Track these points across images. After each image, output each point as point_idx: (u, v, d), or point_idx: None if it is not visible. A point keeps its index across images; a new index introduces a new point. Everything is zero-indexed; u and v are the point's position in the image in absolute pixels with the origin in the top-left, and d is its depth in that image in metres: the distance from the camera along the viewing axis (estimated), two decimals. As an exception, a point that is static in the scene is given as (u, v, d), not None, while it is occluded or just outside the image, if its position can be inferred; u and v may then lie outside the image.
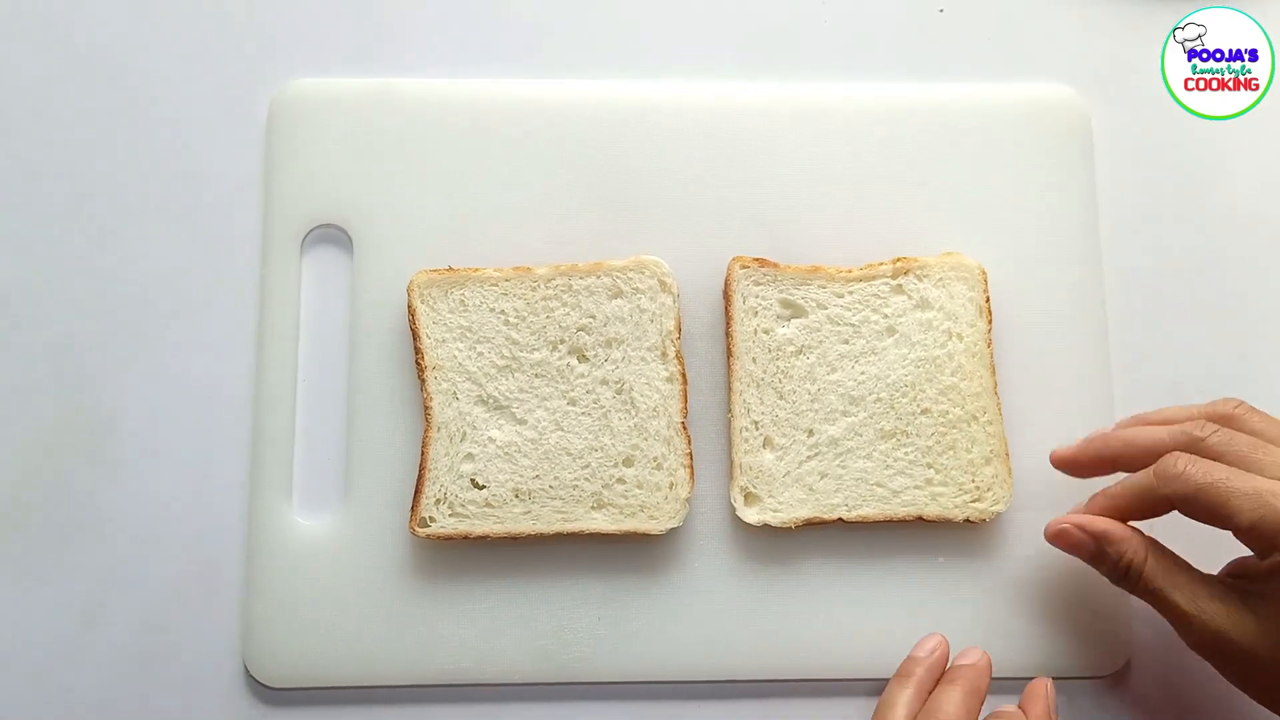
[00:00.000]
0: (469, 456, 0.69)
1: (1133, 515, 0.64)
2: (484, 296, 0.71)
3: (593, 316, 0.70)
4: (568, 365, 0.70)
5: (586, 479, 0.69)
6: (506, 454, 0.69)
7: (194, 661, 0.70)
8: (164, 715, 0.70)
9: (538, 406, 0.70)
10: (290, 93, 0.75)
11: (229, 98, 0.76)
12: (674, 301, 0.70)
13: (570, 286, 0.71)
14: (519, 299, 0.71)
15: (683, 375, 0.70)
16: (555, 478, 0.69)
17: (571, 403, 0.70)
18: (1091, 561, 0.64)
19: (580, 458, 0.69)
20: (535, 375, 0.70)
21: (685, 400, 0.70)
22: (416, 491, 0.69)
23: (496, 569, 0.70)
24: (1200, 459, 0.60)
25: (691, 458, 0.69)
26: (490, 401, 0.70)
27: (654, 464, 0.69)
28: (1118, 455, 0.65)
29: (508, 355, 0.70)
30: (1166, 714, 0.70)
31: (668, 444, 0.69)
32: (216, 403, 0.72)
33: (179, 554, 0.71)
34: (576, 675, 0.69)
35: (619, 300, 0.70)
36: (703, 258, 0.73)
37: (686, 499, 0.69)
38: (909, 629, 0.69)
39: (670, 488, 0.69)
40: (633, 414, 0.69)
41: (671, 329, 0.70)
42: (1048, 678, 0.67)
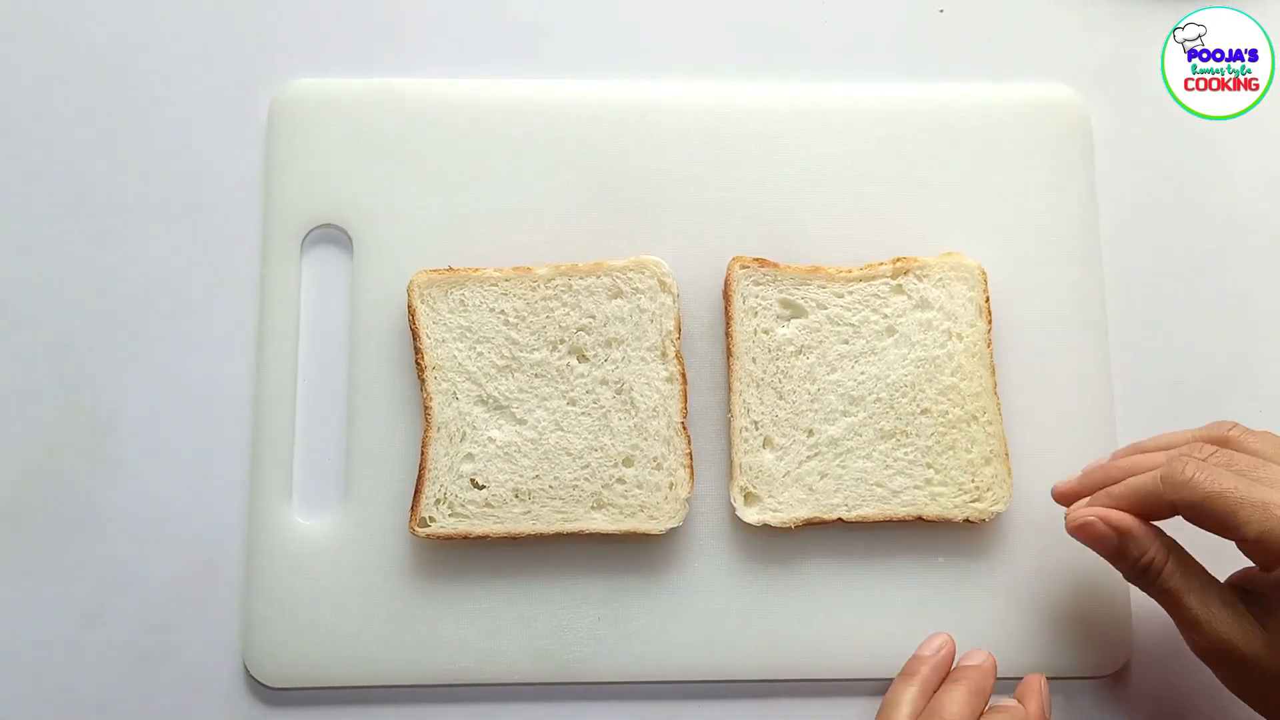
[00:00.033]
0: (469, 456, 0.69)
1: (1140, 511, 0.64)
2: (484, 296, 0.71)
3: (593, 316, 0.70)
4: (568, 365, 0.70)
5: (586, 479, 0.69)
6: (506, 454, 0.69)
7: (194, 661, 0.70)
8: (164, 715, 0.70)
9: (537, 406, 0.70)
10: (290, 93, 0.75)
11: (229, 98, 0.76)
12: (674, 301, 0.70)
13: (570, 286, 0.71)
14: (519, 299, 0.70)
15: (682, 375, 0.70)
16: (555, 478, 0.69)
17: (571, 403, 0.70)
18: (1111, 557, 0.63)
19: (580, 458, 0.69)
20: (535, 375, 0.70)
21: (685, 400, 0.70)
22: (416, 491, 0.69)
23: (496, 569, 0.70)
24: (1208, 465, 0.59)
25: (691, 458, 0.69)
26: (490, 401, 0.70)
27: (654, 464, 0.69)
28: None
29: (508, 355, 0.70)
30: (1166, 714, 0.70)
31: (667, 444, 0.69)
32: (216, 403, 0.72)
33: (179, 554, 0.71)
34: (576, 675, 0.69)
35: (619, 300, 0.70)
36: (703, 258, 0.73)
37: (686, 499, 0.69)
38: (909, 629, 0.69)
39: (670, 488, 0.69)
40: (632, 414, 0.69)
41: (671, 329, 0.70)
42: (1042, 674, 0.67)
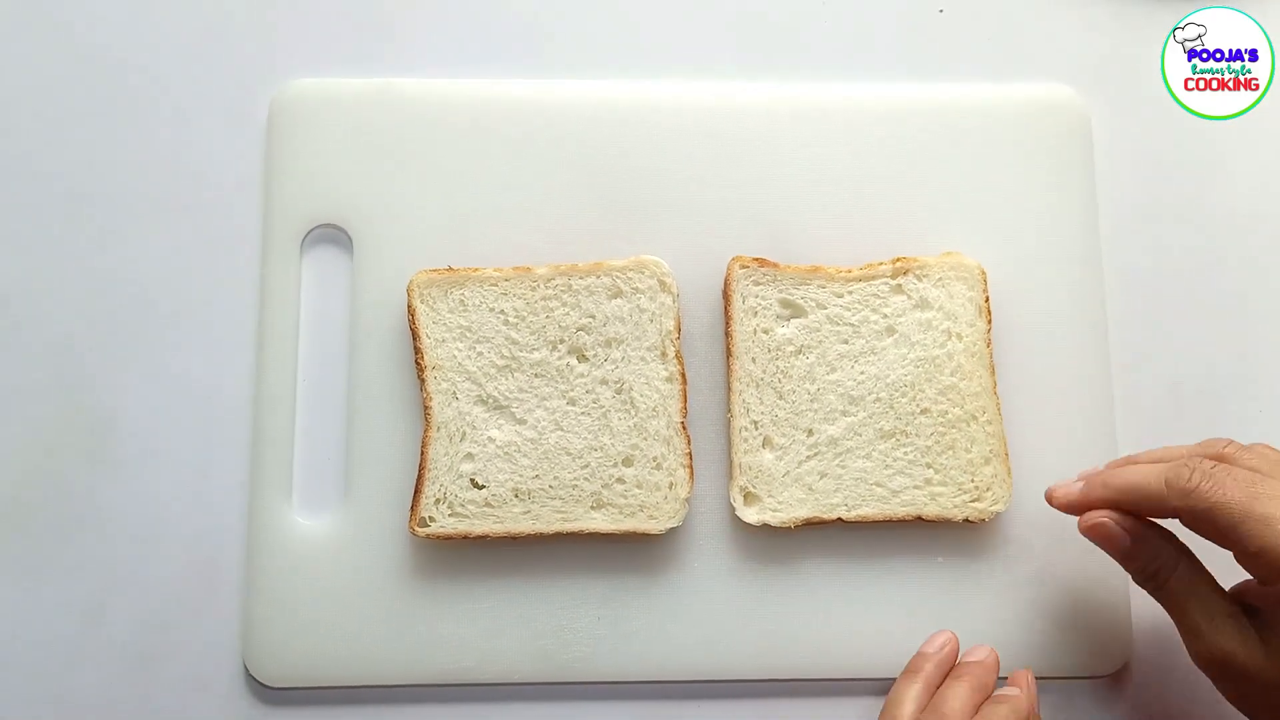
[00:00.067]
0: (469, 456, 0.69)
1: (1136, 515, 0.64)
2: (484, 296, 0.71)
3: (592, 316, 0.70)
4: (567, 365, 0.70)
5: (586, 479, 0.69)
6: (506, 454, 0.69)
7: (194, 661, 0.70)
8: (164, 715, 0.70)
9: (537, 406, 0.70)
10: (290, 93, 0.75)
11: (229, 98, 0.76)
12: (674, 301, 0.70)
13: (570, 286, 0.71)
14: (519, 299, 0.70)
15: (682, 375, 0.70)
16: (555, 477, 0.69)
17: (571, 402, 0.70)
18: (1121, 558, 0.63)
19: (580, 457, 0.69)
20: (535, 375, 0.70)
21: (685, 400, 0.70)
22: (416, 491, 0.69)
23: (496, 569, 0.70)
24: (1214, 475, 0.59)
25: (691, 457, 0.69)
26: (490, 401, 0.70)
27: (653, 464, 0.69)
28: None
29: (507, 355, 0.70)
30: (1166, 714, 0.70)
31: (667, 444, 0.69)
32: (216, 403, 0.72)
33: (179, 554, 0.71)
34: (576, 675, 0.69)
35: (619, 300, 0.70)
36: (702, 257, 0.73)
37: (686, 499, 0.69)
38: (908, 629, 0.69)
39: (670, 487, 0.69)
40: (632, 414, 0.69)
41: (671, 329, 0.70)
42: (1029, 669, 0.67)
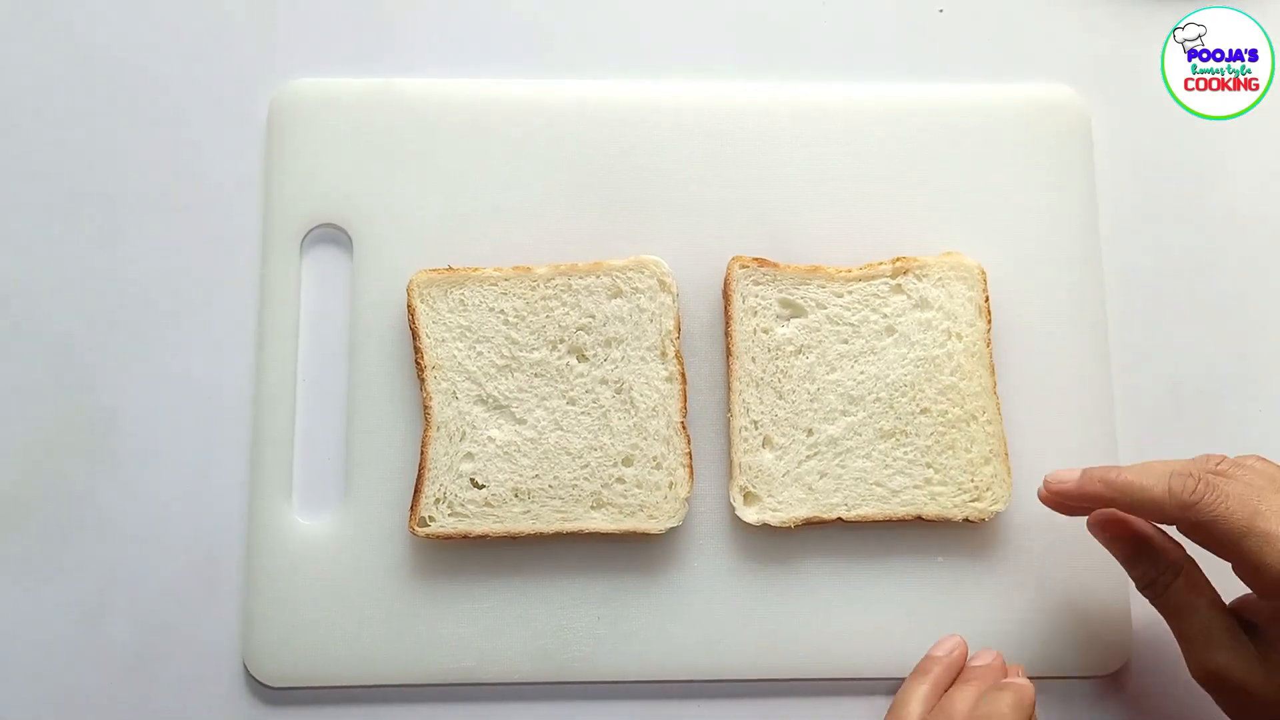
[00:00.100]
0: (468, 456, 0.69)
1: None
2: (483, 296, 0.71)
3: (592, 316, 0.70)
4: (567, 365, 0.70)
5: (586, 478, 0.69)
6: (506, 453, 0.69)
7: (194, 661, 0.70)
8: (164, 715, 0.70)
9: (537, 406, 0.70)
10: (290, 92, 0.75)
11: (229, 97, 0.76)
12: (673, 301, 0.70)
13: (570, 286, 0.71)
14: (518, 298, 0.70)
15: (682, 375, 0.70)
16: (555, 477, 0.69)
17: (571, 402, 0.70)
18: (1125, 561, 0.63)
19: (580, 457, 0.69)
20: (535, 375, 0.70)
21: (684, 400, 0.70)
22: (416, 491, 0.69)
23: (496, 568, 0.70)
24: (1216, 486, 0.58)
25: (691, 457, 0.69)
26: (490, 401, 0.70)
27: (653, 463, 0.69)
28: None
29: (507, 355, 0.70)
30: (1165, 714, 0.70)
31: (667, 443, 0.69)
32: (216, 403, 0.72)
33: (179, 554, 0.71)
34: (576, 675, 0.69)
35: (618, 300, 0.70)
36: (702, 257, 0.73)
37: (686, 498, 0.69)
38: (908, 628, 0.69)
39: (669, 487, 0.69)
40: (632, 413, 0.69)
41: (671, 328, 0.70)
42: (1020, 665, 0.67)
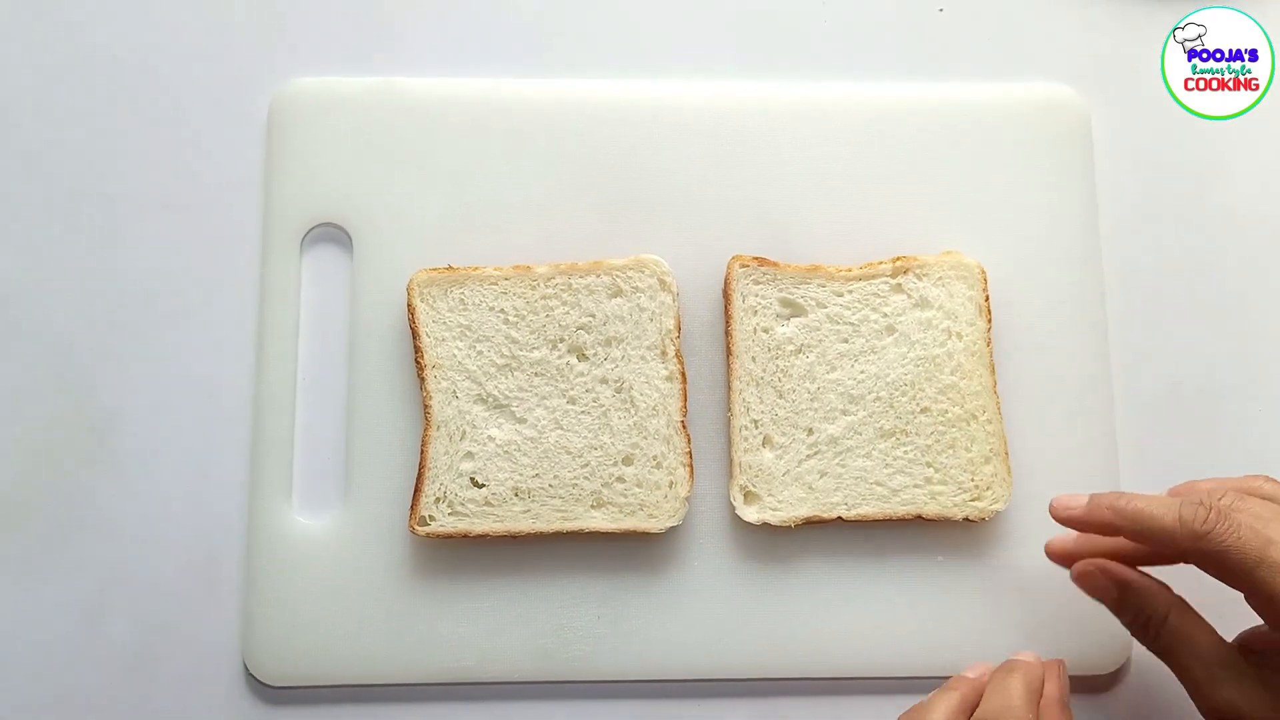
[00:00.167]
0: (469, 455, 0.69)
1: (1145, 553, 0.64)
2: (484, 295, 0.71)
3: (592, 315, 0.70)
4: (567, 364, 0.70)
5: (586, 478, 0.69)
6: (506, 453, 0.69)
7: (194, 660, 0.70)
8: (164, 714, 0.70)
9: (537, 405, 0.70)
10: (290, 91, 0.75)
11: (229, 96, 0.76)
12: (673, 300, 0.70)
13: (570, 285, 0.71)
14: (519, 298, 0.70)
15: (682, 374, 0.70)
16: (555, 476, 0.69)
17: (571, 401, 0.70)
18: (1113, 609, 0.63)
19: (580, 456, 0.69)
20: (535, 374, 0.70)
21: (685, 399, 0.70)
22: (416, 490, 0.69)
23: (496, 568, 0.70)
24: (1230, 514, 0.57)
25: (691, 456, 0.69)
26: (490, 400, 0.70)
27: (653, 463, 0.69)
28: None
29: (507, 354, 0.70)
30: (1165, 713, 0.70)
31: (667, 443, 0.69)
32: (216, 402, 0.72)
33: (179, 554, 0.71)
34: (576, 674, 0.69)
35: (619, 299, 0.70)
36: (702, 256, 0.73)
37: (686, 498, 0.69)
38: (908, 628, 0.69)
39: (670, 486, 0.69)
40: (632, 413, 0.69)
41: (671, 328, 0.70)
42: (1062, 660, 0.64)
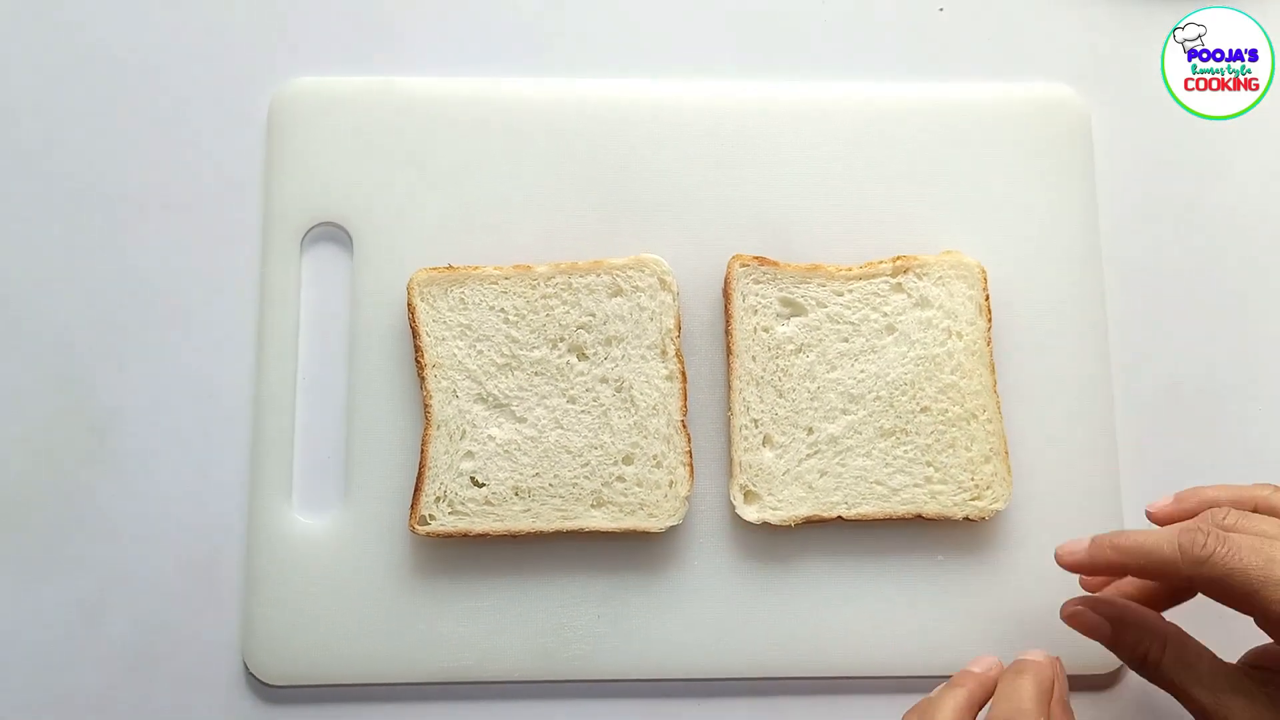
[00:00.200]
0: (469, 454, 0.69)
1: (1155, 592, 0.64)
2: (484, 294, 0.71)
3: (592, 314, 0.70)
4: (567, 363, 0.70)
5: (586, 477, 0.69)
6: (506, 452, 0.69)
7: (194, 659, 0.70)
8: (164, 713, 0.70)
9: (537, 404, 0.70)
10: (291, 91, 0.75)
11: (229, 96, 0.76)
12: (674, 299, 0.70)
13: (570, 284, 0.71)
14: (519, 297, 0.71)
15: (682, 373, 0.70)
16: (555, 476, 0.69)
17: (571, 401, 0.70)
18: (1109, 646, 0.62)
19: (580, 456, 0.69)
20: (535, 373, 0.70)
21: (685, 398, 0.70)
22: (416, 489, 0.69)
23: (496, 567, 0.70)
24: (1227, 539, 0.56)
25: (691, 456, 0.69)
26: (490, 399, 0.70)
27: (653, 462, 0.69)
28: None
29: (507, 353, 0.70)
30: (1164, 713, 0.70)
31: (667, 442, 0.69)
32: (216, 401, 0.72)
33: (179, 553, 0.71)
34: (576, 673, 0.69)
35: (619, 298, 0.70)
36: (702, 256, 0.73)
37: (686, 497, 0.69)
38: (909, 627, 0.69)
39: (670, 486, 0.69)
40: (632, 412, 0.69)
41: (671, 327, 0.70)
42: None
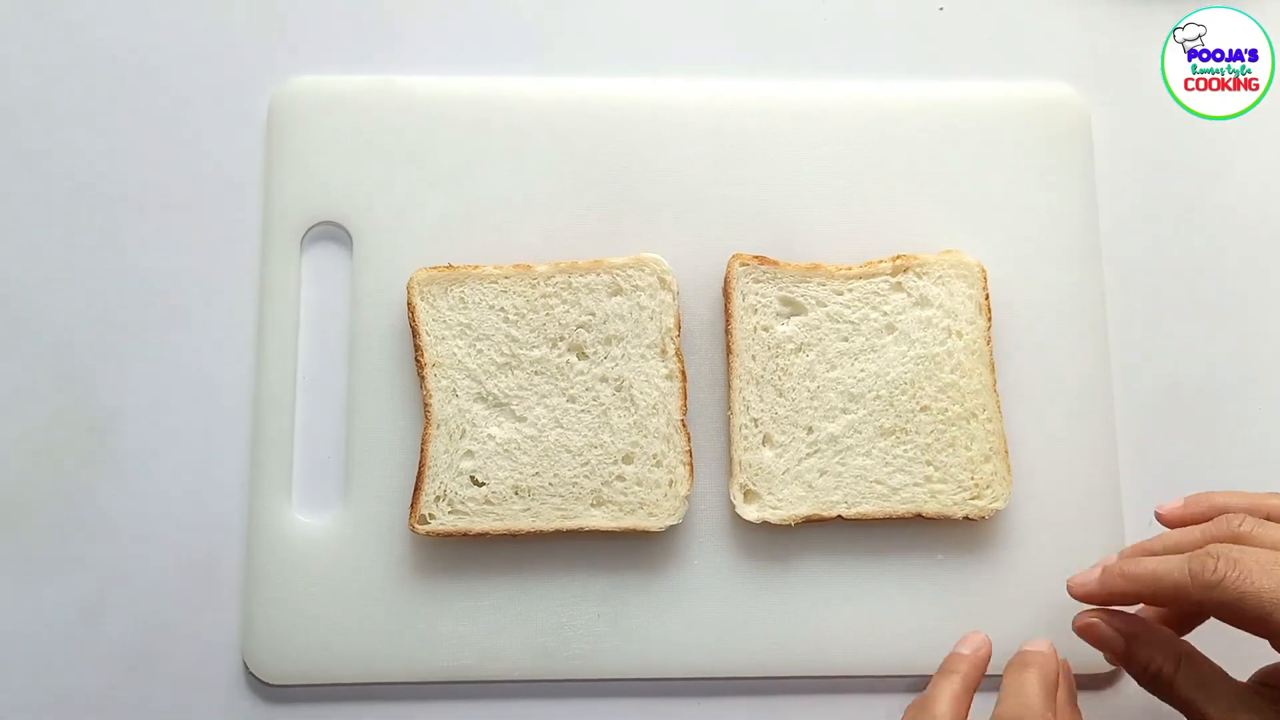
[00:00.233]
0: (469, 454, 0.69)
1: (1165, 610, 0.64)
2: (484, 294, 0.71)
3: (592, 314, 0.70)
4: (567, 362, 0.70)
5: (586, 476, 0.69)
6: (506, 451, 0.69)
7: (194, 659, 0.70)
8: (164, 712, 0.70)
9: (537, 404, 0.70)
10: (291, 90, 0.75)
11: (230, 95, 0.76)
12: (673, 299, 0.70)
13: (570, 284, 0.71)
14: (519, 296, 0.71)
15: (682, 372, 0.70)
16: (555, 475, 0.69)
17: (571, 400, 0.70)
18: (1120, 662, 0.61)
19: (580, 455, 0.69)
20: (535, 372, 0.70)
21: (685, 397, 0.70)
22: (416, 489, 0.69)
23: (496, 566, 0.70)
24: (1238, 562, 0.55)
25: (691, 455, 0.69)
26: (490, 399, 0.70)
27: (653, 461, 0.69)
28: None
29: (507, 352, 0.70)
30: (1164, 712, 0.70)
31: (667, 441, 0.69)
32: (216, 401, 0.72)
33: (179, 552, 0.71)
34: (576, 672, 0.69)
35: (618, 298, 0.70)
36: (702, 255, 0.73)
37: (686, 496, 0.69)
38: (908, 626, 0.69)
39: (669, 485, 0.69)
40: (632, 411, 0.69)
41: (671, 326, 0.70)
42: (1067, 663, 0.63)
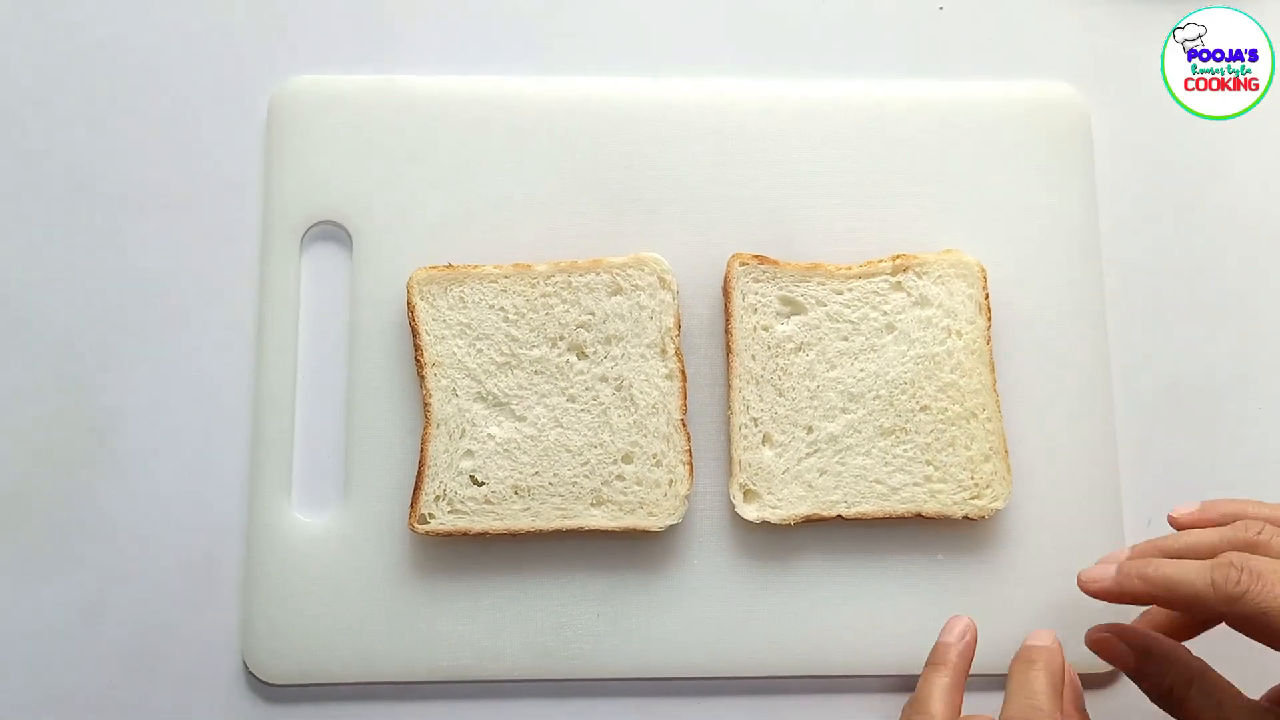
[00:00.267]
0: (468, 453, 0.69)
1: (1180, 624, 0.63)
2: (483, 293, 0.71)
3: (592, 313, 0.70)
4: (567, 362, 0.70)
5: (586, 476, 0.69)
6: (506, 451, 0.69)
7: (194, 659, 0.70)
8: (164, 712, 0.70)
9: (537, 403, 0.70)
10: (290, 89, 0.75)
11: (229, 94, 0.76)
12: (673, 298, 0.70)
13: (570, 283, 0.71)
14: (519, 296, 0.71)
15: (682, 372, 0.70)
16: (555, 474, 0.69)
17: (571, 399, 0.70)
18: (1132, 677, 0.61)
19: (579, 454, 0.69)
20: (535, 372, 0.70)
21: (684, 397, 0.70)
22: (416, 488, 0.69)
23: (496, 566, 0.70)
24: (1262, 575, 0.54)
25: (691, 454, 0.69)
26: (490, 398, 0.70)
27: (653, 461, 0.69)
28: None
29: (507, 352, 0.70)
30: (1164, 712, 0.70)
31: (667, 441, 0.69)
32: (216, 400, 0.72)
33: (179, 552, 0.71)
34: (576, 672, 0.69)
35: (618, 297, 0.70)
36: (702, 254, 0.73)
37: (685, 496, 0.69)
38: (908, 626, 0.69)
39: (669, 484, 0.69)
40: (632, 411, 0.69)
41: (671, 326, 0.70)
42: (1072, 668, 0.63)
